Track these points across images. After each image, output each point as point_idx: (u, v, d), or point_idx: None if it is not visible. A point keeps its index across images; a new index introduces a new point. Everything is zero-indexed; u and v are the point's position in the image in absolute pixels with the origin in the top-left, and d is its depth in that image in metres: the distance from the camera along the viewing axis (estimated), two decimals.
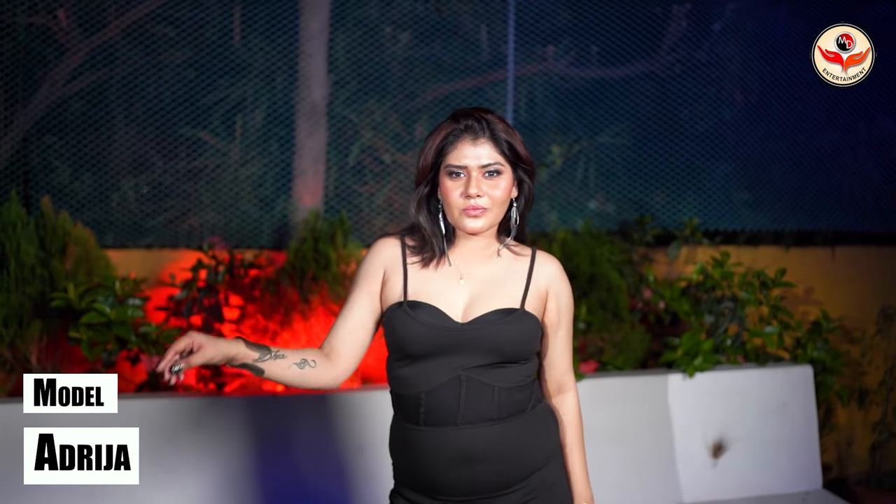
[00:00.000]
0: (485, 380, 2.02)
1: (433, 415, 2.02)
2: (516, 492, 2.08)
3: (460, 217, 2.02)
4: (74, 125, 4.85)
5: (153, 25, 4.99)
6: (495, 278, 2.10)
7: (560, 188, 5.18)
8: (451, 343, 2.01)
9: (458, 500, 2.05)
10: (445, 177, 2.03)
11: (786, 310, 4.53)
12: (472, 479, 2.03)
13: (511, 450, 2.06)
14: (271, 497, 3.74)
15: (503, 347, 2.03)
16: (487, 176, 2.02)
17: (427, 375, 2.02)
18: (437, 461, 2.02)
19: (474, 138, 2.02)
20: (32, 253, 4.05)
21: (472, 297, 2.07)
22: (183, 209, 4.91)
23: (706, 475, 4.31)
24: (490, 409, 2.03)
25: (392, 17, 5.11)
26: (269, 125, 5.03)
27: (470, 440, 2.01)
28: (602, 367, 4.39)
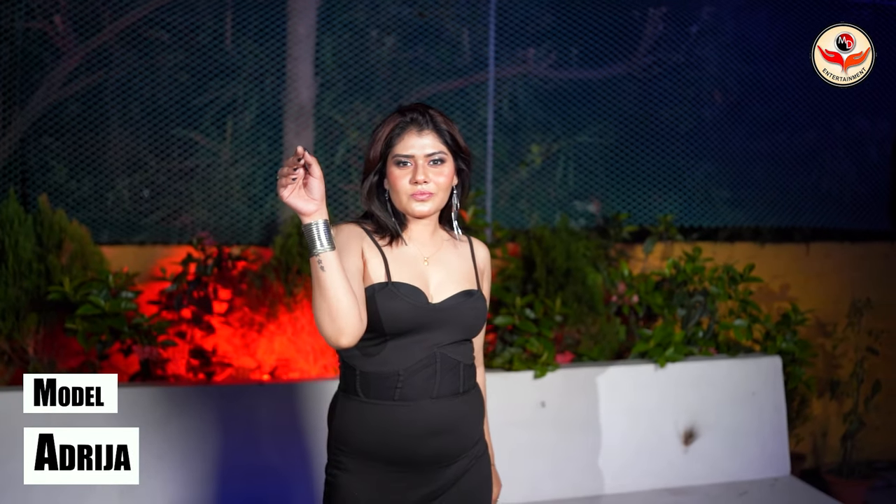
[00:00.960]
0: (453, 356, 2.23)
1: (411, 390, 2.19)
2: (463, 459, 2.28)
3: (409, 202, 2.20)
4: (71, 126, 5.05)
5: (147, 30, 5.17)
6: (450, 261, 2.31)
7: (540, 186, 5.37)
8: (429, 321, 2.20)
9: (427, 467, 2.23)
10: (393, 166, 2.21)
11: (754, 303, 4.72)
12: (440, 447, 2.22)
13: (469, 420, 2.28)
14: (256, 480, 3.93)
15: (469, 324, 2.26)
16: (432, 164, 2.20)
17: (406, 353, 2.19)
18: (414, 433, 2.19)
19: (419, 129, 2.20)
20: (30, 248, 4.24)
21: (438, 279, 2.27)
22: (175, 207, 5.11)
23: (678, 461, 4.50)
24: (457, 384, 2.24)
25: (377, 21, 5.30)
26: (259, 126, 5.23)
27: (442, 412, 2.21)
28: (578, 359, 4.58)
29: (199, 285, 4.44)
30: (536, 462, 4.30)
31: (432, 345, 2.21)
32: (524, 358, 4.34)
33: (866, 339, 5.44)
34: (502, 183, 5.33)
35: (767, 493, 4.43)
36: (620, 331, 4.71)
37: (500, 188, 5.32)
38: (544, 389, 4.34)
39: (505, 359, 4.34)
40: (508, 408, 4.29)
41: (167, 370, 4.36)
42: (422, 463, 2.23)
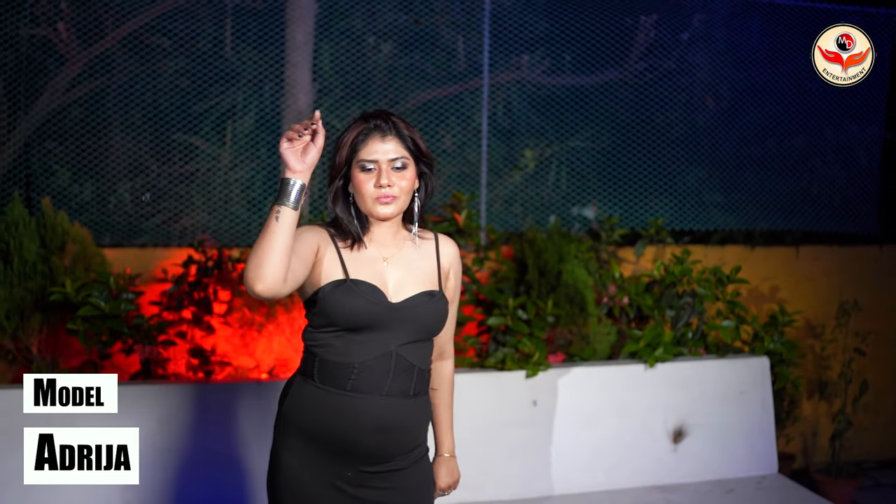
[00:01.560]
0: (409, 358, 2.33)
1: (363, 383, 2.29)
2: (401, 459, 2.37)
3: (373, 205, 2.30)
4: (74, 131, 5.17)
5: (149, 36, 5.30)
6: (411, 261, 2.40)
7: (534, 190, 5.49)
8: (387, 319, 2.30)
9: (355, 463, 2.33)
10: (358, 171, 2.31)
11: (741, 305, 4.84)
12: (382, 444, 2.32)
13: (412, 423, 2.37)
14: (254, 475, 4.05)
15: (428, 326, 2.36)
16: (395, 169, 2.30)
17: (363, 347, 2.30)
18: (359, 425, 2.29)
19: (383, 136, 2.31)
20: (34, 250, 4.36)
21: (396, 278, 2.36)
22: (176, 210, 5.23)
23: (667, 460, 4.61)
24: (409, 385, 2.34)
25: (374, 29, 5.42)
26: (258, 131, 5.35)
27: (389, 410, 2.31)
28: (570, 359, 4.69)
29: (199, 286, 4.55)
30: (529, 459, 4.41)
31: (389, 343, 2.31)
32: (517, 358, 4.45)
33: (854, 340, 5.56)
34: (496, 187, 5.45)
35: (755, 490, 4.54)
36: (611, 332, 4.82)
37: (495, 192, 5.44)
38: (536, 389, 4.45)
39: (498, 359, 4.46)
40: (501, 407, 4.41)
41: (168, 369, 4.48)
42: (361, 455, 2.32)
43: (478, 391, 4.40)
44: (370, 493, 2.35)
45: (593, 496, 4.41)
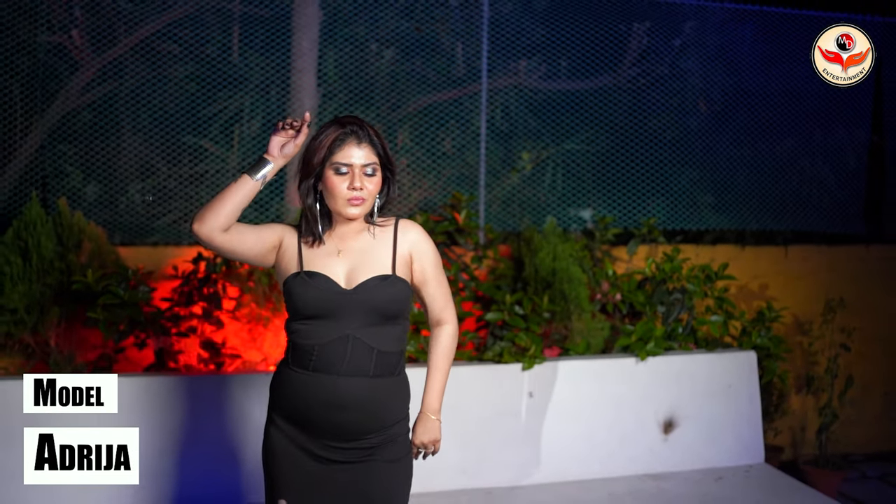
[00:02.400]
0: (367, 341, 2.53)
1: (322, 363, 2.51)
2: (368, 439, 2.58)
3: (344, 205, 2.52)
4: (86, 134, 5.41)
5: (159, 43, 5.53)
6: (367, 250, 2.59)
7: (531, 191, 5.72)
8: (340, 305, 2.51)
9: (325, 439, 2.55)
10: (332, 173, 2.51)
11: (729, 300, 5.07)
12: (340, 423, 2.53)
13: (374, 404, 2.56)
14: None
15: (382, 307, 2.54)
16: (367, 174, 2.52)
17: (321, 331, 2.52)
18: (318, 403, 2.52)
19: (359, 142, 2.52)
20: (51, 248, 4.59)
21: (350, 267, 2.56)
22: (186, 210, 5.46)
23: (658, 449, 4.83)
24: (367, 366, 2.53)
25: (377, 35, 5.66)
26: (264, 134, 5.58)
27: (347, 389, 2.51)
28: (565, 353, 4.92)
29: (208, 283, 4.78)
30: (525, 448, 4.64)
31: (345, 327, 2.52)
32: (513, 351, 4.68)
33: (840, 336, 5.78)
34: (494, 188, 5.68)
35: (742, 478, 4.77)
36: (605, 327, 5.05)
37: (493, 193, 5.67)
38: (532, 381, 4.68)
39: (495, 352, 4.68)
40: (499, 398, 4.63)
41: (179, 361, 4.71)
42: (326, 432, 2.55)
43: (476, 383, 4.63)
44: (345, 468, 2.57)
45: (588, 483, 4.64)
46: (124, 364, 4.80)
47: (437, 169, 5.62)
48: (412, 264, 2.66)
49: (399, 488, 2.68)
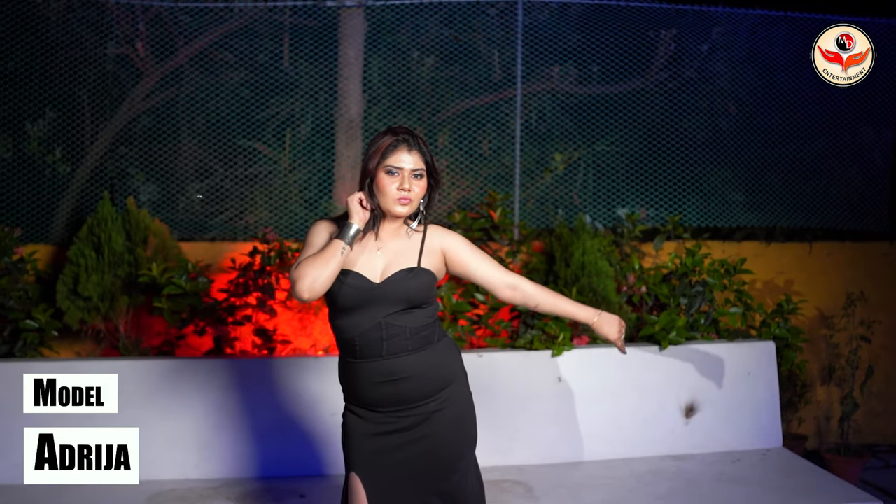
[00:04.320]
0: (398, 323, 2.98)
1: (366, 350, 2.98)
2: (429, 403, 3.04)
3: (393, 204, 2.95)
4: (148, 138, 6.04)
5: (215, 52, 6.15)
6: (401, 249, 3.04)
7: (563, 190, 6.24)
8: (371, 298, 2.96)
9: (389, 409, 3.02)
10: (384, 174, 2.94)
11: (748, 293, 5.54)
12: (399, 392, 2.99)
13: (423, 371, 3.02)
14: (313, 436, 4.84)
15: (408, 296, 2.98)
16: (414, 177, 2.96)
17: (357, 323, 2.97)
18: (375, 383, 2.99)
19: (409, 148, 2.96)
20: (121, 242, 5.22)
21: (386, 263, 3.01)
22: (240, 209, 6.07)
23: (679, 432, 5.31)
24: (405, 344, 2.99)
25: (419, 43, 6.22)
26: (313, 137, 6.18)
27: (392, 366, 2.98)
28: (592, 342, 5.42)
29: (262, 274, 5.37)
30: (554, 429, 5.15)
31: (377, 315, 2.97)
32: (543, 339, 5.19)
33: (860, 329, 6.21)
34: (529, 187, 6.20)
35: (759, 460, 5.22)
36: (631, 318, 5.54)
37: (527, 192, 6.19)
38: (561, 367, 5.19)
39: (527, 340, 5.20)
40: (529, 382, 5.15)
41: (235, 347, 5.31)
42: (385, 403, 3.01)
43: (509, 368, 5.15)
44: (414, 435, 3.02)
45: (612, 463, 5.13)
46: (185, 349, 5.42)
47: (474, 169, 6.16)
48: (446, 257, 3.10)
49: (465, 446, 3.16)
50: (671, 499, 4.58)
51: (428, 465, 3.05)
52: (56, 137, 6.08)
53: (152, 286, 5.11)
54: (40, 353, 5.17)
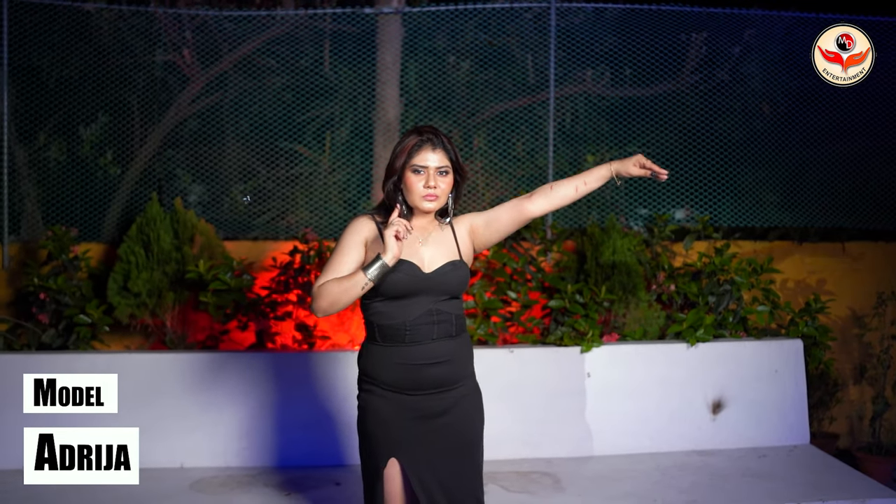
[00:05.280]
0: (446, 310, 3.21)
1: (416, 335, 3.17)
2: (459, 388, 3.27)
3: (420, 200, 3.16)
4: (195, 141, 6.40)
5: (258, 58, 6.48)
6: (440, 241, 3.26)
7: (597, 191, 6.44)
8: (423, 286, 3.18)
9: (428, 391, 3.21)
10: (411, 173, 3.13)
11: (775, 292, 5.72)
12: (439, 375, 3.21)
13: (458, 356, 3.26)
14: (348, 429, 5.11)
15: (453, 287, 3.22)
16: (440, 174, 3.17)
17: (408, 309, 3.17)
18: (419, 366, 3.18)
19: (434, 147, 3.15)
20: (168, 241, 5.55)
21: (429, 255, 3.23)
22: (282, 209, 6.39)
23: (706, 428, 5.51)
24: (450, 329, 3.23)
25: (455, 48, 6.49)
26: (353, 140, 6.48)
27: (438, 349, 3.20)
28: (622, 339, 5.64)
29: (303, 272, 5.67)
30: (582, 424, 5.38)
31: (427, 303, 3.18)
32: (573, 336, 5.43)
33: (892, 328, 6.35)
34: None
35: (785, 457, 5.40)
36: (661, 316, 5.75)
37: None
38: (590, 363, 5.42)
39: (557, 336, 5.44)
40: (559, 377, 5.39)
41: (276, 342, 5.62)
42: (426, 386, 3.21)
43: (539, 364, 5.40)
44: (439, 419, 3.23)
45: (639, 457, 5.35)
46: (229, 344, 5.74)
47: (509, 170, 6.41)
48: (476, 238, 3.32)
49: (481, 429, 3.39)
50: (695, 492, 4.78)
51: (454, 448, 3.25)
52: (107, 141, 6.47)
53: (198, 283, 5.44)
54: (92, 347, 5.52)
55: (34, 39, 6.20)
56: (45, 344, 5.48)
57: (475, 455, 3.33)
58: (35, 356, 5.25)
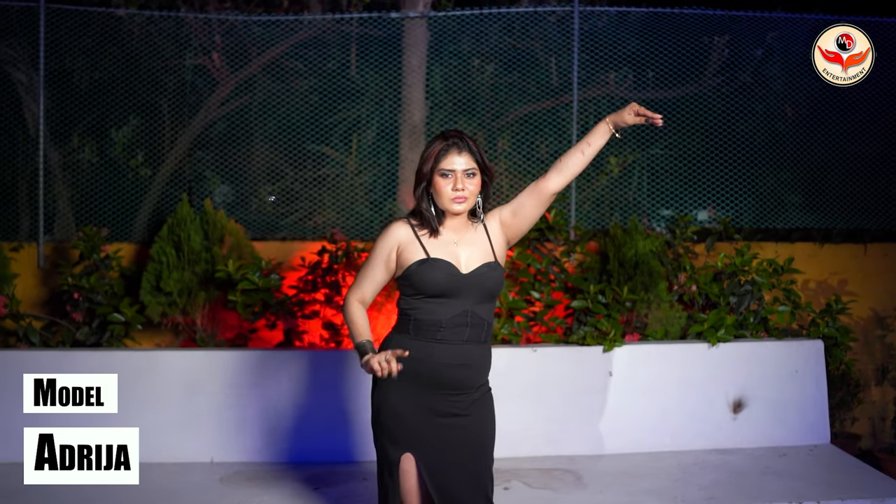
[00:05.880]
0: (480, 314, 3.33)
1: (449, 334, 3.28)
2: (477, 391, 3.39)
3: (450, 203, 3.28)
4: (223, 143, 6.59)
5: (286, 61, 6.66)
6: (473, 242, 3.37)
7: (619, 192, 6.60)
8: (461, 286, 3.29)
9: (447, 392, 3.32)
10: (439, 177, 3.23)
11: (796, 292, 5.84)
12: (462, 378, 3.33)
13: (480, 363, 3.38)
14: None
15: (490, 288, 3.34)
16: (467, 177, 3.29)
17: (446, 308, 3.28)
18: (445, 365, 3.29)
19: (459, 151, 3.24)
20: (199, 241, 5.74)
21: (465, 255, 3.34)
22: (309, 210, 6.57)
23: (727, 427, 5.63)
24: (481, 335, 3.35)
25: (479, 51, 6.65)
26: (379, 142, 6.65)
27: (468, 352, 3.32)
28: (644, 339, 5.77)
29: (330, 272, 5.85)
30: (604, 422, 5.52)
31: (465, 304, 3.30)
32: (595, 335, 5.57)
33: None
34: (585, 189, 6.58)
35: (805, 456, 5.51)
36: (682, 316, 5.88)
37: (584, 194, 6.57)
38: (612, 362, 5.56)
39: (580, 336, 5.58)
40: (581, 376, 5.53)
41: (304, 340, 5.79)
42: (447, 386, 3.31)
43: (562, 363, 5.54)
44: (454, 418, 3.34)
45: (659, 454, 5.48)
46: (257, 342, 5.92)
47: (533, 172, 6.55)
48: (507, 230, 3.42)
49: (493, 432, 3.49)
50: (714, 489, 4.90)
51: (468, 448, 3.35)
52: (138, 143, 6.67)
53: (227, 282, 5.62)
54: (124, 345, 5.71)
55: (67, 44, 6.41)
56: (80, 341, 5.68)
57: (487, 456, 3.42)
58: (69, 353, 5.48)
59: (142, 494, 4.59)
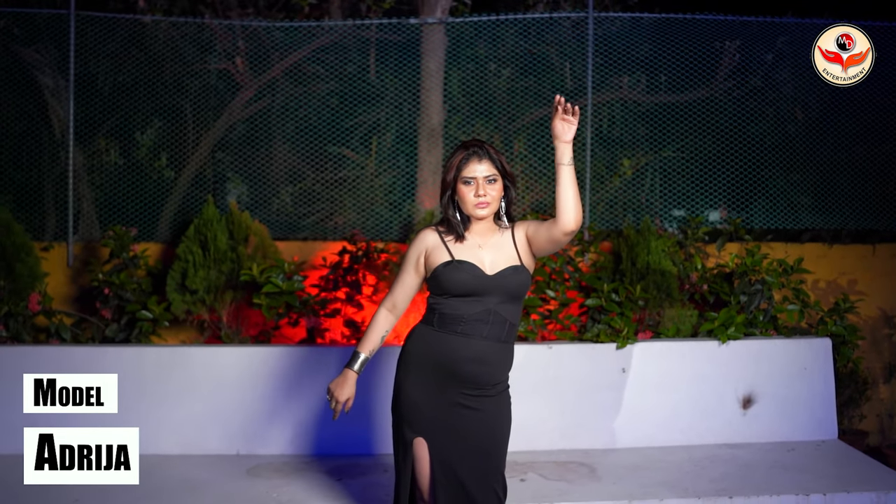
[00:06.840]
0: (503, 314, 3.53)
1: (470, 329, 3.49)
2: (493, 388, 3.57)
3: (473, 209, 3.44)
4: (245, 145, 6.85)
5: (307, 65, 6.91)
6: (499, 245, 3.58)
7: (632, 194, 6.86)
8: (485, 287, 3.50)
9: (461, 385, 3.51)
10: (462, 185, 3.44)
11: (805, 291, 6.08)
12: (477, 373, 3.52)
13: (501, 362, 3.57)
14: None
15: (514, 290, 3.54)
16: (488, 183, 3.49)
17: (471, 305, 3.49)
18: (463, 358, 3.49)
19: (479, 159, 3.43)
20: (224, 241, 6.01)
21: (490, 258, 3.55)
22: (330, 210, 6.83)
23: (736, 422, 5.87)
24: (501, 334, 3.54)
25: (496, 56, 6.90)
26: (398, 144, 6.91)
27: (486, 349, 3.51)
28: (656, 337, 6.02)
29: (351, 272, 6.12)
30: (617, 417, 5.77)
31: (488, 303, 3.50)
32: (609, 333, 5.82)
33: None
34: (599, 191, 6.83)
35: (814, 450, 5.75)
36: (693, 314, 6.12)
37: (598, 195, 6.82)
38: (625, 359, 5.81)
39: (593, 333, 5.83)
40: (595, 373, 5.78)
41: (326, 337, 6.06)
42: (463, 380, 3.50)
43: (576, 360, 5.80)
44: (467, 411, 3.54)
45: (670, 449, 5.72)
46: (280, 339, 6.19)
47: (548, 174, 6.81)
48: (531, 243, 3.57)
49: (508, 429, 3.68)
50: (724, 481, 5.13)
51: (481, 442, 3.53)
52: (162, 145, 6.95)
53: (251, 283, 5.89)
54: (150, 341, 5.99)
55: (93, 49, 6.68)
56: (109, 338, 5.95)
57: (500, 452, 3.60)
58: (101, 348, 5.75)
59: (172, 484, 4.89)
